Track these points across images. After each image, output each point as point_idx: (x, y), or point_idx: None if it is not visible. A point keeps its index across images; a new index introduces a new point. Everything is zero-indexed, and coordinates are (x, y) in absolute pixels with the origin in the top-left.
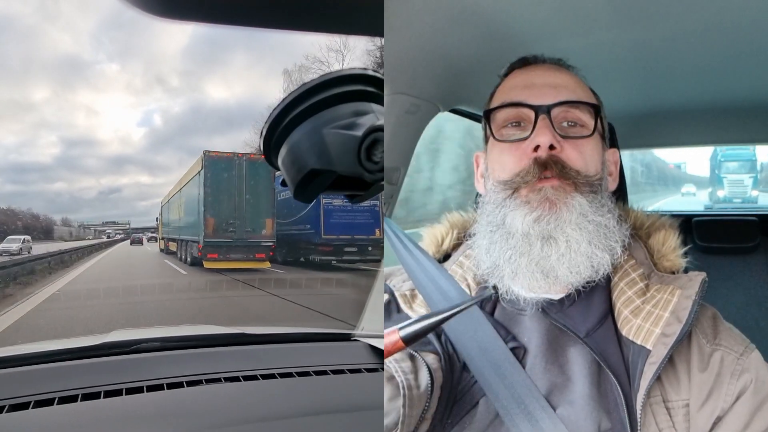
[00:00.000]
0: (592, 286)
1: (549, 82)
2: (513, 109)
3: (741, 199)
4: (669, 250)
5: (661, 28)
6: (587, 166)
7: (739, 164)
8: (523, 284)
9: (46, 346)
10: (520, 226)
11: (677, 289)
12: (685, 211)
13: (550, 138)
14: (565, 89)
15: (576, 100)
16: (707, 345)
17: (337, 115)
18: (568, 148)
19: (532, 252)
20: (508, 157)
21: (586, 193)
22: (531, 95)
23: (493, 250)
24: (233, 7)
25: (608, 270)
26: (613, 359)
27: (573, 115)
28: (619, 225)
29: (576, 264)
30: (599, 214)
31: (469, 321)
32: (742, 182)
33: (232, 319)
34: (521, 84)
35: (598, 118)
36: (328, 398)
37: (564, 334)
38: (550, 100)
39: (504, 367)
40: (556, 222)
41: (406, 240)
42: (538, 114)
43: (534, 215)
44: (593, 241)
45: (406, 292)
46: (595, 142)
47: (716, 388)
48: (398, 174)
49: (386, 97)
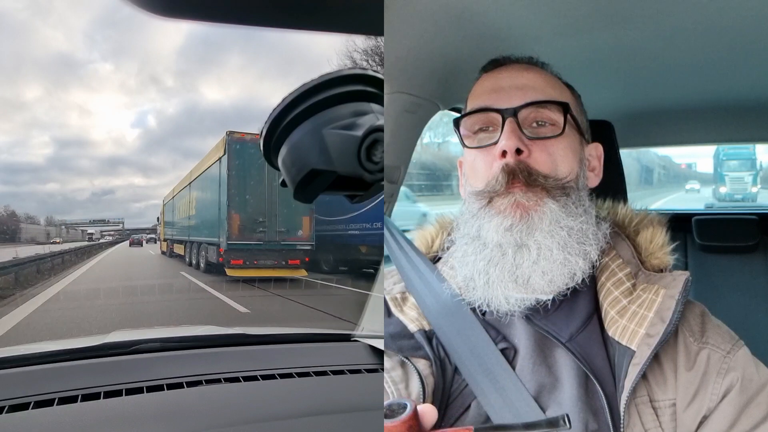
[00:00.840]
0: (575, 288)
1: (516, 83)
2: (482, 114)
3: (741, 196)
4: (657, 247)
5: (660, 27)
6: (556, 168)
7: (740, 162)
8: (498, 294)
9: (46, 347)
10: (494, 236)
11: (662, 289)
12: (685, 209)
13: (515, 142)
14: (532, 90)
15: (543, 100)
16: (694, 343)
17: (337, 115)
18: (536, 151)
19: (504, 261)
20: (479, 163)
21: (558, 197)
22: (498, 99)
23: (467, 263)
24: (233, 6)
25: (585, 275)
26: (597, 361)
27: (542, 115)
28: (597, 226)
29: (549, 271)
30: (572, 218)
31: (461, 324)
32: (742, 179)
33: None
34: (489, 88)
35: (567, 115)
36: (328, 399)
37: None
38: (517, 102)
39: (495, 370)
40: (528, 229)
41: (403, 241)
42: (504, 117)
43: (506, 224)
44: (566, 247)
45: (396, 295)
46: (567, 141)
47: (702, 387)
48: (398, 173)
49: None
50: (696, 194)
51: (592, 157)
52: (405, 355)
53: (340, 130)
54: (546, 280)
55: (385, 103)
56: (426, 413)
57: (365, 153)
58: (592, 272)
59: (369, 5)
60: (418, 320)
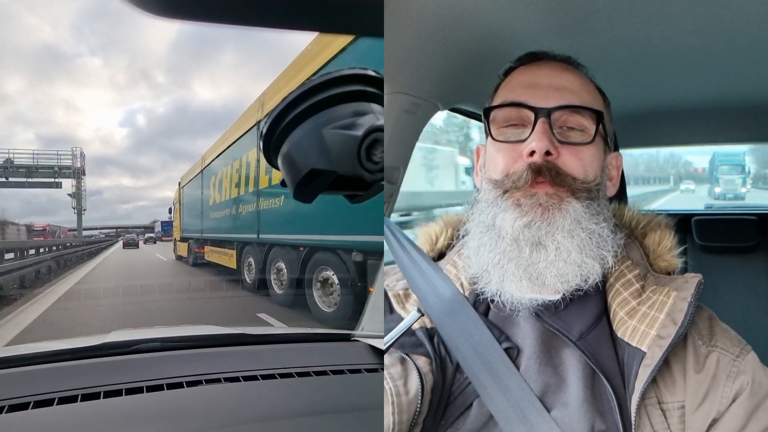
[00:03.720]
0: (586, 288)
1: (553, 83)
2: (514, 108)
3: (733, 195)
4: (665, 250)
5: (660, 27)
6: (586, 172)
7: (731, 167)
8: (512, 288)
9: (46, 346)
10: (510, 229)
11: (673, 291)
12: (684, 210)
13: (546, 144)
14: (569, 92)
15: (579, 105)
16: (703, 346)
17: (337, 115)
18: (565, 154)
19: (520, 257)
20: (502, 157)
21: (583, 199)
22: (533, 96)
23: (482, 253)
24: (233, 5)
25: (598, 279)
26: (606, 361)
27: (574, 120)
28: (613, 234)
29: (565, 272)
30: (594, 222)
31: (464, 322)
32: (733, 181)
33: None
34: (525, 83)
35: (600, 124)
36: (328, 398)
37: (557, 336)
38: (552, 103)
39: (498, 369)
40: (547, 228)
41: (403, 239)
42: (537, 117)
43: (525, 220)
44: (584, 249)
45: (399, 291)
46: (595, 149)
47: (712, 390)
48: (398, 173)
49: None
50: (691, 194)
51: (611, 167)
52: (405, 351)
53: (340, 130)
54: (560, 281)
55: (385, 103)
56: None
57: (365, 153)
58: (604, 277)
59: (369, 5)
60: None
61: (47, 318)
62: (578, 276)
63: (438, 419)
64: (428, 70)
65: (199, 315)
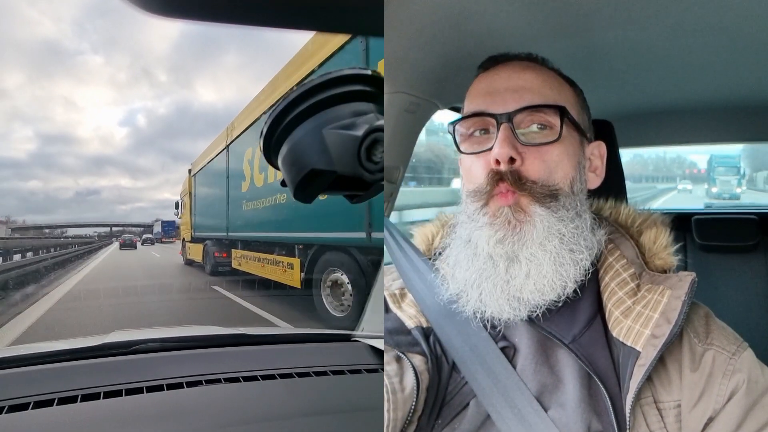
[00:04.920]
0: (579, 287)
1: (511, 86)
2: (477, 117)
3: (728, 195)
4: (660, 248)
5: (660, 26)
6: (550, 174)
7: (726, 169)
8: (491, 308)
9: (46, 347)
10: (485, 246)
11: (667, 290)
12: (684, 209)
13: (508, 150)
14: (528, 92)
15: (538, 104)
16: (699, 344)
17: (337, 115)
18: (530, 158)
19: (497, 275)
20: (475, 168)
21: (548, 203)
22: (492, 102)
23: (460, 270)
24: (232, 5)
25: (577, 283)
26: (600, 362)
27: (539, 119)
28: (592, 231)
29: (541, 284)
30: (563, 223)
31: (461, 322)
32: (729, 182)
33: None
34: (484, 90)
35: (565, 118)
36: (328, 399)
37: (551, 338)
38: (512, 107)
39: (496, 369)
40: (520, 242)
41: (401, 239)
42: (499, 123)
43: (498, 236)
44: (558, 258)
45: (395, 291)
46: (563, 146)
47: (708, 389)
48: (398, 173)
49: (386, 96)
50: (688, 194)
51: (594, 157)
52: (401, 350)
53: (340, 130)
54: (538, 295)
55: (385, 103)
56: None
57: (365, 153)
58: (588, 276)
59: (369, 5)
60: (416, 317)
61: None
62: (558, 287)
63: (433, 418)
64: (428, 70)
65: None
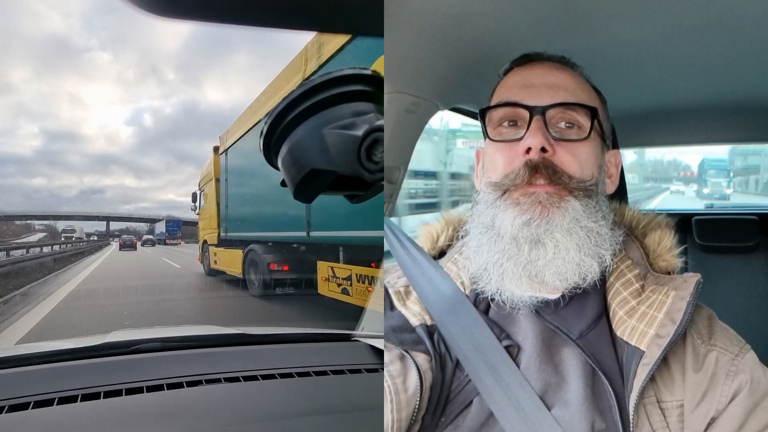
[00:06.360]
0: (584, 286)
1: (547, 82)
2: (510, 108)
3: (719, 195)
4: (665, 250)
5: (660, 26)
6: (582, 170)
7: (717, 171)
8: (511, 286)
9: (46, 347)
10: (509, 228)
11: (672, 290)
12: (685, 209)
13: (541, 140)
14: (563, 90)
15: (573, 102)
16: (702, 345)
17: (337, 115)
18: (561, 152)
19: (519, 256)
20: (500, 157)
21: (581, 198)
22: (528, 95)
23: (482, 253)
24: (232, 5)
25: (596, 277)
26: (606, 360)
27: (570, 117)
28: (612, 232)
29: (563, 270)
30: (592, 220)
31: (465, 320)
32: (720, 184)
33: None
34: (519, 83)
35: (595, 120)
36: (328, 398)
37: (558, 334)
38: (547, 101)
39: (499, 367)
40: (546, 225)
41: (403, 237)
42: (532, 115)
43: (524, 218)
44: (583, 247)
45: (400, 288)
46: (591, 146)
47: (711, 389)
48: (398, 173)
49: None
50: (681, 195)
51: (610, 164)
52: (405, 348)
53: (341, 130)
54: (559, 279)
55: (385, 103)
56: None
57: (365, 153)
58: (603, 276)
59: (369, 5)
60: (420, 315)
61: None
62: (577, 274)
63: (437, 416)
64: (428, 70)
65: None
